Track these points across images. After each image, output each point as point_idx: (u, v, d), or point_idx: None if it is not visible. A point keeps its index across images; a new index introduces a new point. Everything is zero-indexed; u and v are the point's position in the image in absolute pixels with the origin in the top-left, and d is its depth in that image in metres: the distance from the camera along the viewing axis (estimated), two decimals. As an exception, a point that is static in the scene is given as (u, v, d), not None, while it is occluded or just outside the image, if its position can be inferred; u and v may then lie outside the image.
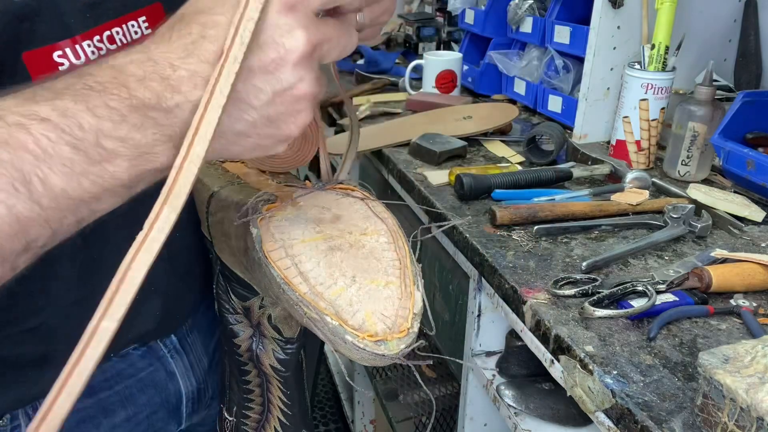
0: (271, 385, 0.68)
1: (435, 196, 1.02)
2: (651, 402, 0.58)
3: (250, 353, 0.67)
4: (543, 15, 1.42)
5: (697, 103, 1.04)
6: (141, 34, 0.60)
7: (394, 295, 0.46)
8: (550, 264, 0.81)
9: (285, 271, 0.46)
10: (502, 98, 1.55)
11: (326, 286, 0.45)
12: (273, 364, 0.66)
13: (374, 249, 0.49)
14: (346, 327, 0.43)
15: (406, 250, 0.49)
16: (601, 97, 1.23)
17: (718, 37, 1.28)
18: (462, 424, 1.03)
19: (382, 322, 0.44)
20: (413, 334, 0.44)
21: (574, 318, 0.70)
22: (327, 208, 0.53)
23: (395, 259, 0.49)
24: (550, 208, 0.92)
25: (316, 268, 0.47)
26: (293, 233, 0.49)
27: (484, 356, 0.96)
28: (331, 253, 0.48)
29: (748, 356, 0.52)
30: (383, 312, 0.44)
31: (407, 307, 0.45)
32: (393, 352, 0.42)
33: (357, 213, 0.53)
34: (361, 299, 0.45)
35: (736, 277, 0.73)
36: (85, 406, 0.66)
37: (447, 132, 1.23)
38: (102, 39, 0.56)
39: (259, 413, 0.70)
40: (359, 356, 0.43)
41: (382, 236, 0.51)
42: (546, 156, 1.15)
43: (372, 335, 0.42)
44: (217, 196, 0.57)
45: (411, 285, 0.47)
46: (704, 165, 1.07)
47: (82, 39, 0.54)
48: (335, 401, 2.21)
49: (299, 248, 0.48)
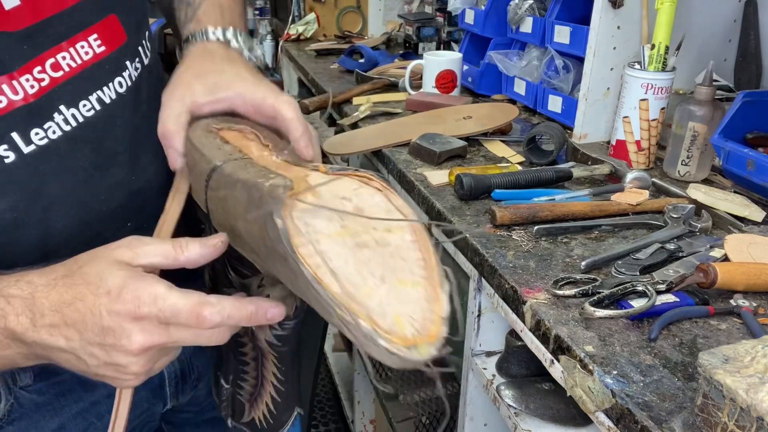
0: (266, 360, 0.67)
1: (435, 196, 1.02)
2: (651, 402, 0.58)
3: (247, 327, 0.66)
4: (543, 15, 1.42)
5: (697, 103, 1.04)
6: (93, 54, 0.58)
7: (422, 297, 0.44)
8: (550, 264, 0.81)
9: (317, 269, 0.44)
10: (502, 98, 1.55)
11: (357, 287, 0.44)
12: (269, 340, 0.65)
13: (400, 247, 0.48)
14: (379, 331, 0.41)
15: (430, 250, 0.48)
16: (601, 97, 1.23)
17: (718, 37, 1.28)
18: (462, 424, 1.03)
19: (411, 326, 0.42)
20: (441, 339, 0.42)
21: (574, 318, 0.70)
22: (347, 199, 0.50)
23: (420, 259, 0.47)
24: (550, 208, 0.92)
25: (345, 266, 0.45)
26: (318, 226, 0.47)
27: (484, 356, 0.96)
28: (358, 251, 0.46)
29: (748, 356, 0.52)
30: (412, 315, 0.43)
31: (435, 310, 0.44)
32: (424, 357, 0.41)
33: (378, 206, 0.50)
34: (390, 301, 0.44)
35: (741, 276, 0.73)
36: (64, 379, 0.66)
37: (447, 132, 1.23)
38: (44, 69, 0.54)
39: (253, 386, 0.70)
40: (390, 360, 0.42)
41: (406, 234, 0.49)
42: (546, 156, 1.15)
43: (403, 340, 0.41)
44: (221, 171, 0.54)
45: (437, 287, 0.45)
46: (704, 165, 1.07)
47: (19, 74, 0.53)
48: (335, 401, 2.21)
49: (326, 244, 0.46)
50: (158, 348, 0.47)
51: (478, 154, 1.22)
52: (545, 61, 1.39)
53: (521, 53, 1.51)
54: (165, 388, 0.78)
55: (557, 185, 1.05)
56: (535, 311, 0.72)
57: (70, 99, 0.57)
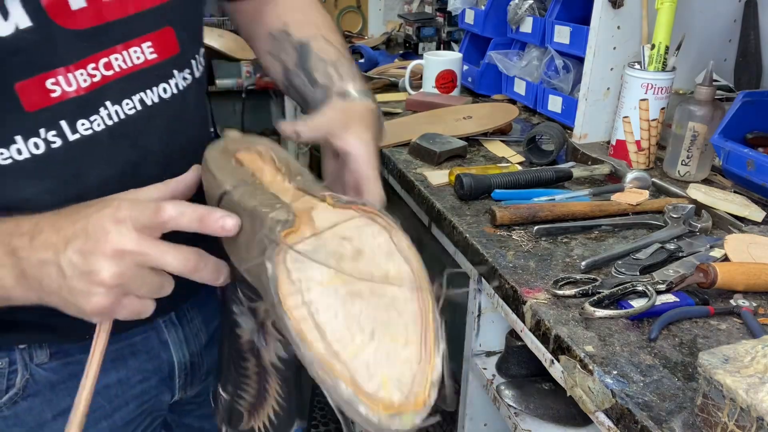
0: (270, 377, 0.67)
1: (435, 196, 1.02)
2: (651, 402, 0.58)
3: (251, 345, 0.65)
4: (543, 15, 1.42)
5: (697, 103, 1.04)
6: (144, 60, 0.62)
7: (413, 358, 0.42)
8: (550, 264, 0.81)
9: (301, 323, 0.42)
10: (502, 98, 1.55)
11: (343, 344, 0.42)
12: (273, 362, 0.65)
13: (396, 298, 0.45)
14: (360, 396, 0.40)
15: (429, 302, 0.45)
16: (601, 97, 1.23)
17: (718, 37, 1.28)
18: (462, 424, 1.03)
19: (399, 390, 0.40)
20: (429, 407, 0.40)
21: (574, 318, 0.70)
22: (348, 239, 0.48)
23: (417, 314, 0.44)
24: (550, 208, 0.92)
25: (334, 321, 0.43)
26: (311, 273, 0.45)
27: (484, 356, 0.96)
28: (350, 301, 0.44)
29: (748, 356, 0.52)
30: (400, 378, 0.41)
31: (426, 372, 0.42)
32: (407, 426, 0.39)
33: (380, 248, 0.48)
34: (378, 361, 0.41)
35: (741, 276, 0.73)
36: (77, 360, 0.69)
37: (447, 132, 1.23)
38: (97, 67, 0.59)
39: (254, 396, 0.69)
40: (370, 428, 0.40)
41: (405, 282, 0.46)
42: (546, 156, 1.15)
43: (387, 406, 0.40)
44: (229, 197, 0.53)
45: (432, 346, 0.43)
46: (704, 165, 1.07)
47: (75, 68, 0.57)
48: (335, 401, 2.21)
49: (317, 293, 0.44)
50: (130, 260, 0.49)
51: (478, 154, 1.22)
52: (545, 61, 1.39)
53: (521, 53, 1.51)
54: (174, 379, 0.79)
55: (557, 185, 1.05)
56: (535, 311, 0.72)
57: (116, 96, 0.61)
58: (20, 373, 0.67)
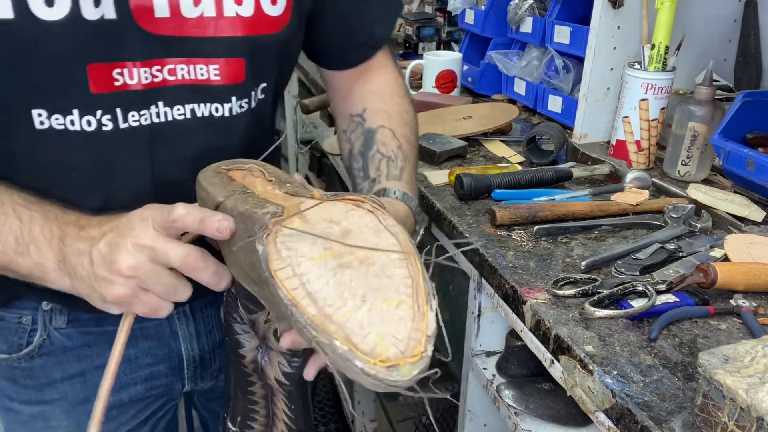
0: (276, 398, 0.67)
1: (435, 196, 1.02)
2: (651, 402, 0.58)
3: (255, 365, 0.66)
4: (543, 15, 1.42)
5: (697, 103, 1.04)
6: (207, 78, 0.66)
7: (407, 315, 0.43)
8: (550, 264, 0.81)
9: (293, 291, 0.44)
10: (502, 98, 1.55)
11: (335, 308, 0.43)
12: (278, 378, 0.65)
13: (385, 266, 0.47)
14: (356, 352, 0.40)
15: (418, 267, 0.46)
16: (601, 97, 1.23)
17: (718, 37, 1.28)
18: (462, 424, 1.03)
19: (395, 346, 0.41)
20: (427, 358, 0.41)
21: (574, 318, 0.70)
22: (336, 222, 0.50)
23: (407, 277, 0.46)
24: (550, 208, 0.92)
25: (325, 288, 0.44)
26: (301, 250, 0.47)
27: (484, 356, 0.96)
28: (340, 271, 0.46)
29: (748, 356, 0.52)
30: (395, 334, 0.42)
31: (420, 329, 0.42)
32: (406, 378, 0.40)
33: (367, 227, 0.50)
34: (372, 321, 0.42)
35: (741, 276, 0.73)
36: (92, 331, 0.76)
37: (447, 132, 1.23)
38: (161, 70, 0.64)
39: (263, 425, 0.70)
40: (370, 382, 0.40)
41: (393, 251, 0.48)
42: (546, 156, 1.15)
43: (384, 360, 0.40)
44: (222, 207, 0.55)
45: (424, 305, 0.44)
46: (704, 165, 1.07)
47: (141, 65, 0.62)
48: (335, 401, 2.21)
49: (307, 266, 0.46)
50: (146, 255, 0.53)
51: (478, 154, 1.22)
52: (545, 61, 1.39)
53: (521, 53, 1.51)
54: (183, 370, 0.83)
55: (557, 185, 1.05)
56: (535, 311, 0.72)
57: (170, 100, 0.66)
58: (39, 333, 0.74)
